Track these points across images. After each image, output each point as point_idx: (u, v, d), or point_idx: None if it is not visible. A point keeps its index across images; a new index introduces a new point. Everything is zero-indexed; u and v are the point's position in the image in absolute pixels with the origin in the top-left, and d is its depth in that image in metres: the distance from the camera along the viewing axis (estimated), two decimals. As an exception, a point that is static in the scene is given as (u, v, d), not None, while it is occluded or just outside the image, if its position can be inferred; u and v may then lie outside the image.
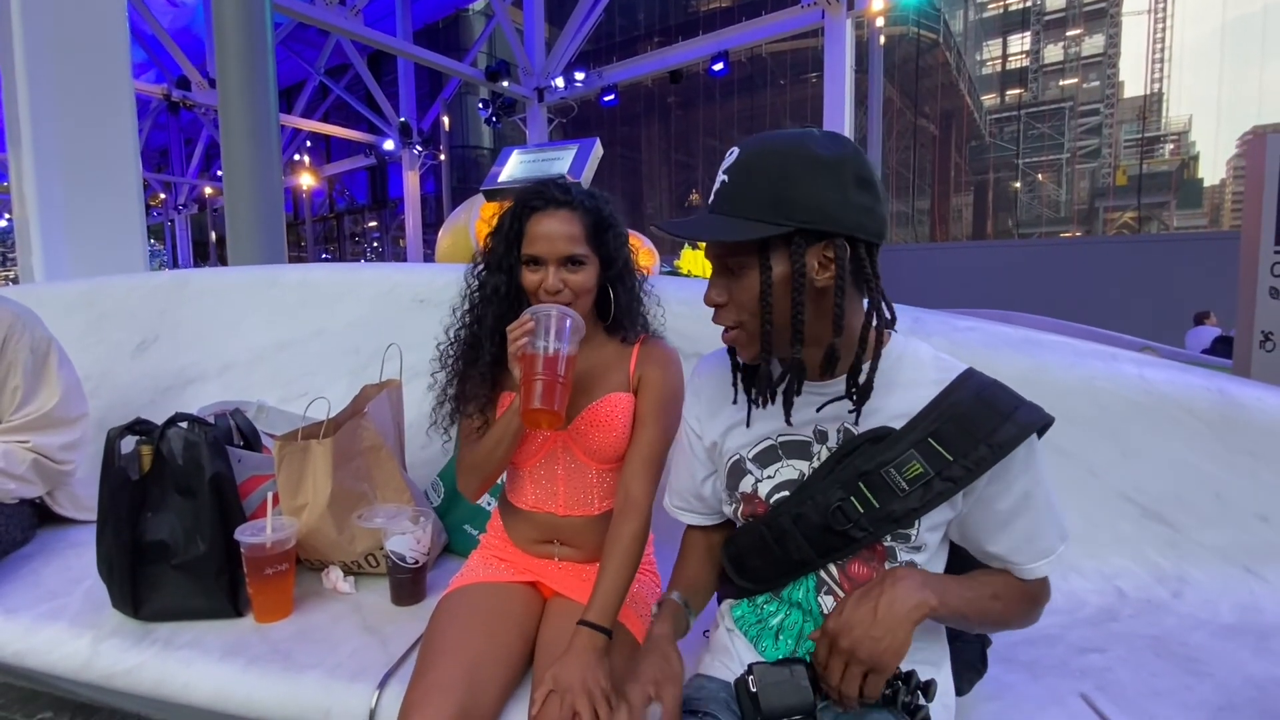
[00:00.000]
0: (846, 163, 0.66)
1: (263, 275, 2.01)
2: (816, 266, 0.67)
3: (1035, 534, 0.72)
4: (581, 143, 2.21)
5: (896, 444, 0.70)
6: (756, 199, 0.66)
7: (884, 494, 0.70)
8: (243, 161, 2.96)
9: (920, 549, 0.73)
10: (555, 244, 0.95)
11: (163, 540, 1.14)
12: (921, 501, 0.70)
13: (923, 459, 0.69)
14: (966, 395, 0.70)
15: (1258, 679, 1.01)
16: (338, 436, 1.22)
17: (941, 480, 0.69)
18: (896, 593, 0.66)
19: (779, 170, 0.66)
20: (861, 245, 0.67)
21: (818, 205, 0.65)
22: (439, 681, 0.85)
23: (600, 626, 0.86)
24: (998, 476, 0.69)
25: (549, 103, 11.97)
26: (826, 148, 0.66)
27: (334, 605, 1.20)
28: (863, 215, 0.66)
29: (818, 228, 0.65)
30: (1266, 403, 1.32)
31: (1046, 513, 0.72)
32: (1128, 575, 1.29)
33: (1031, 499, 0.70)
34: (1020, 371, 1.38)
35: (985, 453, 0.67)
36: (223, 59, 2.97)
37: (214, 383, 1.85)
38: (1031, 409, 0.70)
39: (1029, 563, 0.72)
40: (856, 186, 0.66)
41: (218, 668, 1.04)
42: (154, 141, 20.98)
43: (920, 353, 0.75)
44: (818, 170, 0.65)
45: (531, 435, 1.03)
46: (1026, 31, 17.85)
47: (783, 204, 0.65)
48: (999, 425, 0.67)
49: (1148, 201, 15.91)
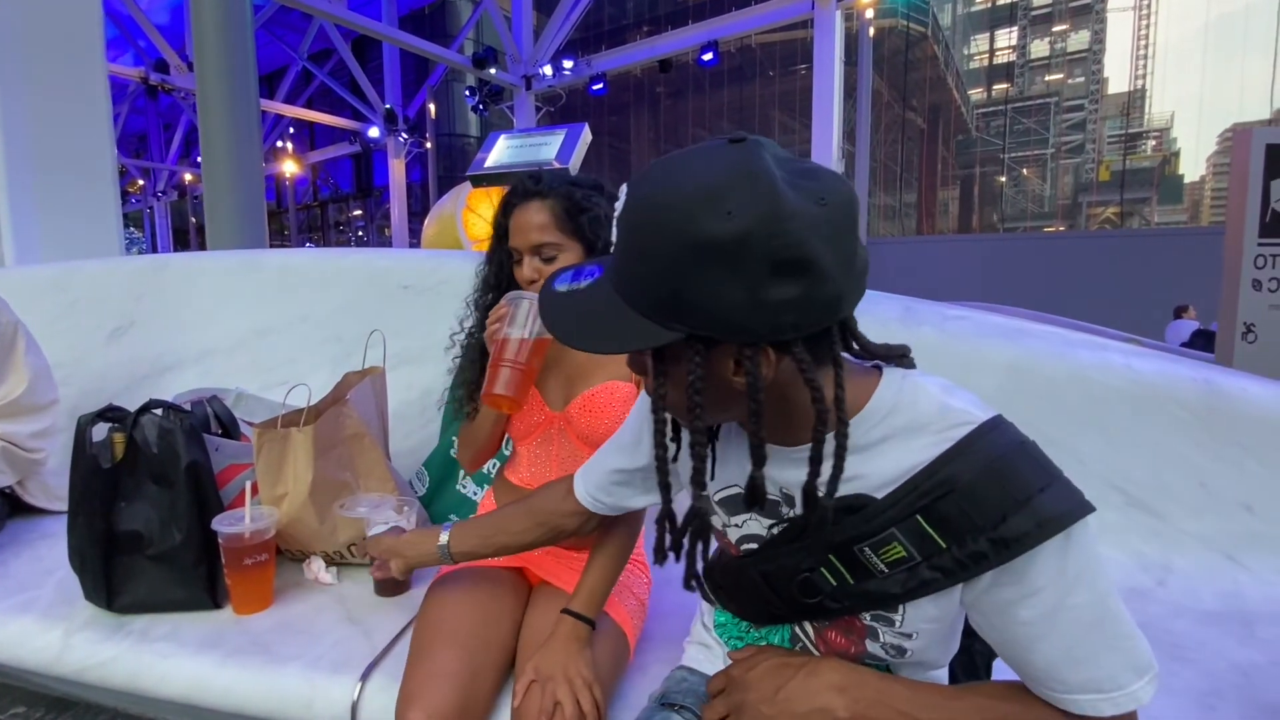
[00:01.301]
0: (751, 244, 0.45)
1: (243, 260, 1.96)
2: (732, 365, 0.50)
3: (1080, 657, 0.50)
4: (570, 128, 2.18)
5: (874, 519, 0.54)
6: (641, 291, 0.50)
7: (859, 572, 0.57)
8: (222, 145, 2.87)
9: (911, 636, 0.59)
10: (527, 235, 0.97)
11: (137, 530, 1.11)
12: (904, 589, 0.55)
13: (906, 541, 0.53)
14: (973, 465, 0.51)
15: (1241, 665, 1.02)
16: (319, 424, 1.19)
17: (929, 569, 0.53)
18: (808, 685, 0.57)
19: (662, 260, 0.48)
20: (797, 344, 0.49)
21: (713, 311, 0.47)
22: (440, 669, 0.84)
23: (584, 616, 0.86)
24: (1012, 578, 0.51)
25: (537, 91, 11.85)
26: (721, 223, 0.45)
27: (316, 596, 1.18)
28: (785, 313, 0.47)
29: (716, 336, 0.49)
30: (1252, 393, 1.33)
31: (1100, 629, 0.51)
32: (1114, 563, 1.29)
33: (1071, 610, 0.50)
34: (1009, 360, 1.38)
35: (985, 548, 0.50)
36: (200, 38, 2.88)
37: (192, 370, 1.81)
38: (1063, 494, 0.51)
39: (1074, 693, 0.51)
40: (772, 276, 0.46)
41: (195, 660, 1.01)
42: (132, 126, 20.48)
43: (921, 400, 0.55)
44: (708, 261, 0.46)
45: (527, 414, 1.03)
46: (1013, 26, 17.95)
47: (671, 305, 0.48)
48: (1009, 514, 0.50)
49: (1130, 197, 16.12)
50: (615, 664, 0.92)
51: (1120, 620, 0.52)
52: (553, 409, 1.03)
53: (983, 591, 0.53)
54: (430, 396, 1.68)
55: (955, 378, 0.60)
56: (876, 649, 0.62)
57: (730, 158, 0.47)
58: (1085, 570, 0.51)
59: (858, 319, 0.56)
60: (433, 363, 1.71)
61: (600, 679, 0.83)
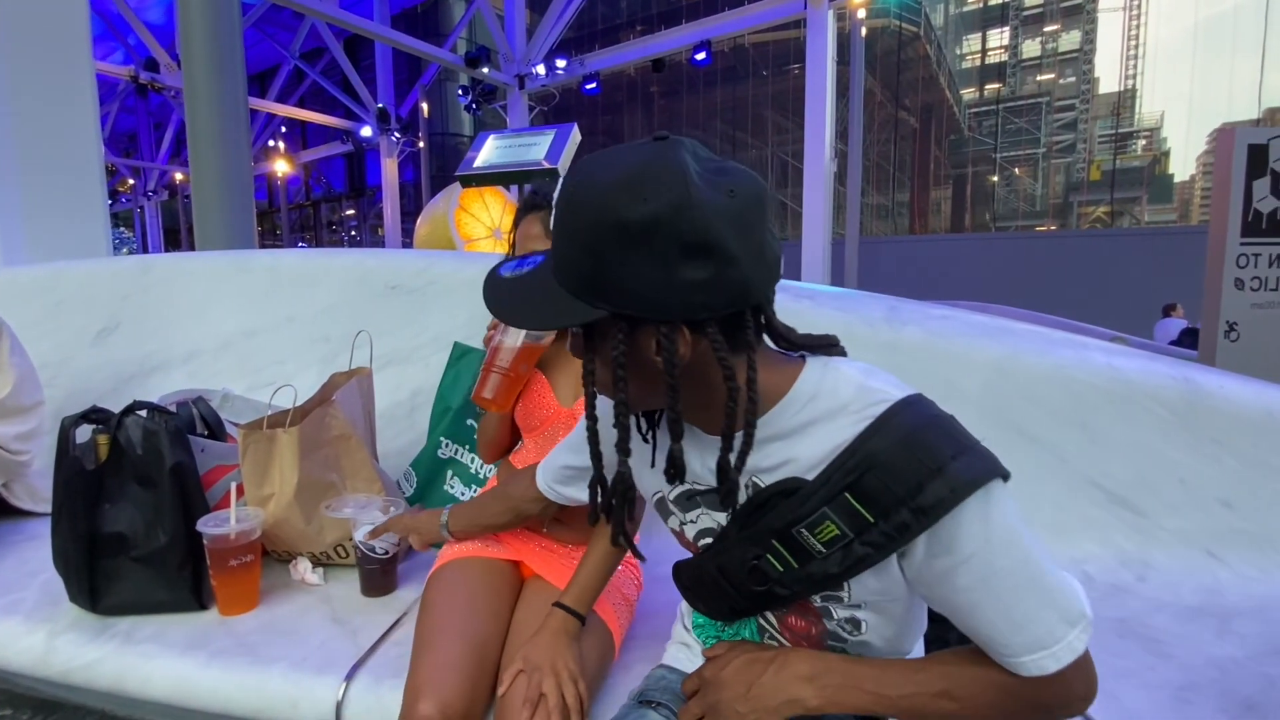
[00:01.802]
0: (661, 227, 0.49)
1: (231, 261, 1.96)
2: (653, 345, 0.54)
3: (1018, 619, 0.53)
4: (559, 128, 2.18)
5: (809, 499, 0.56)
6: (571, 272, 0.54)
7: (801, 555, 0.58)
8: (210, 144, 2.84)
9: (861, 607, 0.62)
10: (526, 245, 1.09)
11: (121, 532, 1.11)
12: (842, 566, 0.57)
13: (838, 519, 0.55)
14: (890, 440, 0.54)
15: (1218, 659, 1.03)
16: (304, 425, 1.19)
17: (861, 545, 0.55)
18: (779, 679, 0.60)
19: (584, 242, 0.52)
20: (711, 324, 0.53)
21: (631, 287, 0.51)
22: (448, 659, 0.85)
23: (575, 611, 0.87)
24: (943, 548, 0.54)
25: (530, 90, 11.82)
26: (635, 207, 0.49)
27: (302, 597, 1.18)
28: (697, 293, 0.51)
29: (633, 314, 0.52)
30: (1230, 390, 1.35)
31: (1031, 587, 0.53)
32: (1095, 560, 1.31)
33: (1003, 574, 0.53)
34: (993, 359, 1.39)
35: (907, 517, 0.53)
36: (188, 35, 2.85)
37: (179, 371, 1.80)
38: (975, 460, 0.53)
39: (1019, 654, 0.54)
40: (683, 257, 0.49)
41: (179, 661, 1.01)
42: (122, 125, 20.33)
43: (841, 384, 0.58)
44: (625, 243, 0.50)
45: (538, 408, 1.08)
46: (1005, 26, 18.02)
47: (593, 284, 0.52)
48: (926, 482, 0.52)
49: (1120, 196, 16.22)
50: (600, 661, 0.93)
51: (1048, 575, 0.54)
52: (563, 404, 1.08)
53: (921, 565, 0.55)
54: (418, 397, 1.68)
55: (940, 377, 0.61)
56: (835, 627, 0.64)
57: (649, 152, 0.52)
58: (1008, 532, 0.53)
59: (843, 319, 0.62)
60: (421, 363, 1.71)
61: (586, 674, 0.84)
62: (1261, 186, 2.73)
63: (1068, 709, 0.56)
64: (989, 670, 0.56)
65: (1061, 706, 0.56)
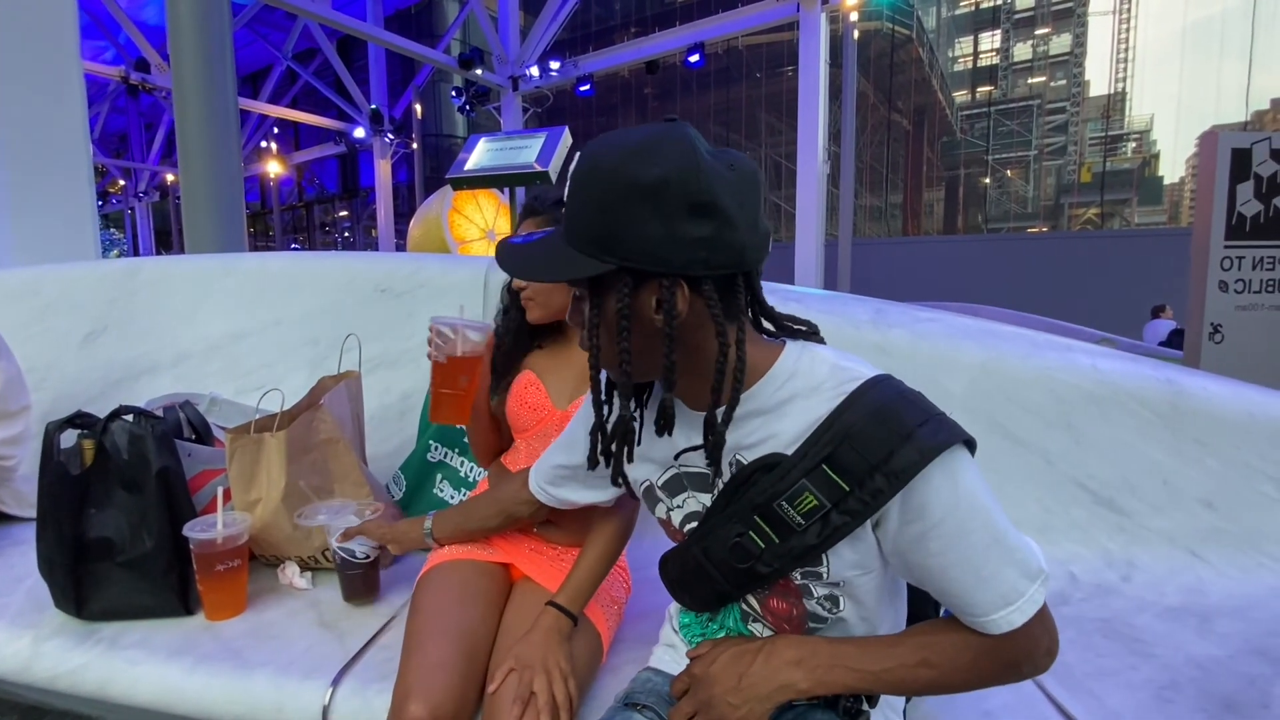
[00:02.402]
0: (670, 187, 0.54)
1: (219, 264, 1.95)
2: (654, 303, 0.58)
3: (986, 577, 0.57)
4: (550, 131, 2.18)
5: (788, 473, 0.60)
6: (583, 231, 0.58)
7: (781, 529, 0.62)
8: (199, 146, 2.81)
9: (839, 585, 0.64)
10: None
11: (107, 537, 1.10)
12: (820, 538, 0.60)
13: (816, 490, 0.59)
14: (862, 413, 0.58)
15: (1199, 658, 1.04)
16: (292, 429, 1.19)
17: (839, 514, 0.59)
18: (768, 666, 0.61)
19: (599, 200, 0.57)
20: (707, 282, 0.58)
21: (638, 241, 0.56)
22: (437, 660, 0.85)
23: (568, 610, 0.88)
24: (914, 514, 0.58)
25: (524, 92, 11.81)
26: (648, 169, 0.55)
27: (290, 601, 1.17)
28: (698, 249, 0.56)
29: (641, 267, 0.57)
30: (1212, 392, 1.37)
31: (996, 547, 0.58)
32: (1080, 560, 1.32)
33: (971, 535, 0.57)
34: (979, 362, 1.40)
35: (881, 483, 0.57)
36: (177, 34, 2.83)
37: (167, 374, 1.79)
38: (939, 427, 0.58)
39: (988, 613, 0.58)
40: (688, 215, 0.55)
41: (165, 667, 1.01)
42: (113, 126, 20.17)
43: (817, 364, 0.63)
44: (636, 200, 0.55)
45: (530, 410, 1.09)
46: (997, 29, 18.14)
47: (604, 239, 0.57)
48: (896, 448, 0.56)
49: (1110, 198, 16.34)
50: (589, 662, 0.93)
51: (1010, 534, 0.59)
52: (556, 406, 1.08)
53: (896, 533, 0.59)
54: (408, 400, 1.68)
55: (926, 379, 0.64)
56: (814, 606, 0.67)
57: (660, 127, 0.58)
58: (974, 496, 0.58)
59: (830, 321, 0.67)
60: (410, 366, 1.71)
61: (576, 674, 0.85)
62: (1245, 190, 2.77)
63: (1034, 664, 0.61)
64: (962, 634, 0.60)
65: (1028, 661, 0.60)
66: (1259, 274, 2.83)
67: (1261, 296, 2.85)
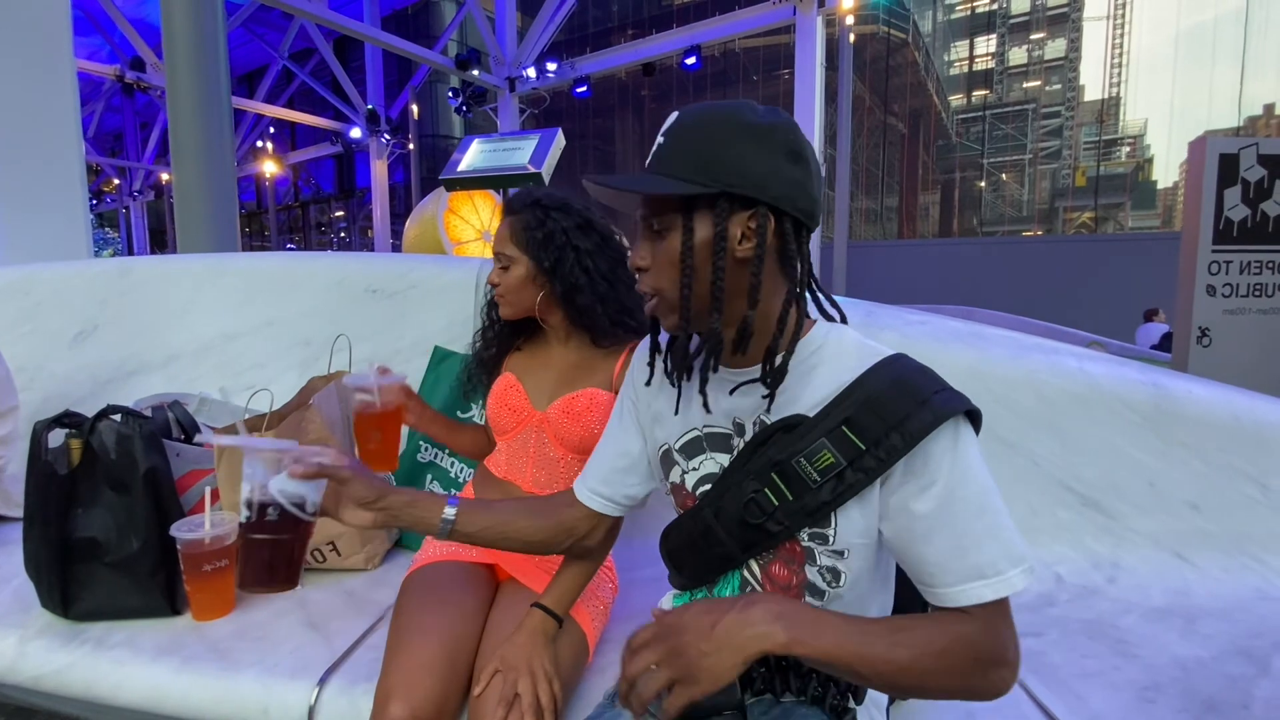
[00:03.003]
0: (778, 131, 0.64)
1: (210, 263, 1.95)
2: (740, 235, 0.64)
3: (966, 546, 0.59)
4: (543, 133, 2.19)
5: (809, 433, 0.64)
6: (686, 160, 0.64)
7: (797, 485, 0.65)
8: (192, 145, 2.80)
9: (843, 554, 0.67)
10: (497, 243, 1.09)
11: (94, 537, 1.10)
12: (833, 494, 0.63)
13: (834, 448, 0.63)
14: (883, 380, 0.63)
15: (1182, 660, 1.05)
16: (280, 429, 1.19)
17: (854, 471, 0.62)
18: (745, 616, 0.57)
19: (710, 133, 0.64)
20: (788, 220, 0.65)
21: (744, 169, 0.63)
22: (419, 661, 0.85)
23: (553, 612, 0.88)
24: (914, 473, 0.61)
25: (520, 93, 11.82)
26: (762, 116, 0.64)
27: (277, 601, 1.17)
28: (792, 188, 0.64)
29: (742, 192, 0.63)
30: (1197, 395, 1.38)
31: (981, 520, 0.59)
32: (1066, 562, 1.33)
33: (960, 502, 0.60)
34: (967, 364, 1.41)
35: (897, 441, 0.60)
36: (170, 32, 2.81)
37: (157, 374, 1.79)
38: (953, 396, 0.62)
39: (957, 583, 0.59)
40: (787, 158, 0.64)
41: (151, 668, 1.01)
42: (108, 124, 20.10)
43: (845, 340, 0.69)
44: (748, 135, 0.63)
45: (512, 411, 1.10)
46: (992, 34, 18.23)
47: (710, 166, 0.63)
48: (913, 411, 0.60)
49: (1104, 202, 16.43)
50: (574, 663, 0.93)
51: (1000, 513, 0.61)
52: (537, 408, 1.08)
53: (895, 490, 0.63)
54: (399, 401, 1.67)
55: None
56: (814, 575, 0.68)
57: None
58: (971, 464, 0.61)
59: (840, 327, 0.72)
60: (401, 366, 1.70)
61: (560, 675, 0.85)
62: (1233, 195, 2.79)
63: (1000, 669, 0.59)
64: (939, 622, 0.60)
65: (994, 664, 0.58)
66: (1246, 278, 2.85)
67: (1248, 301, 2.87)
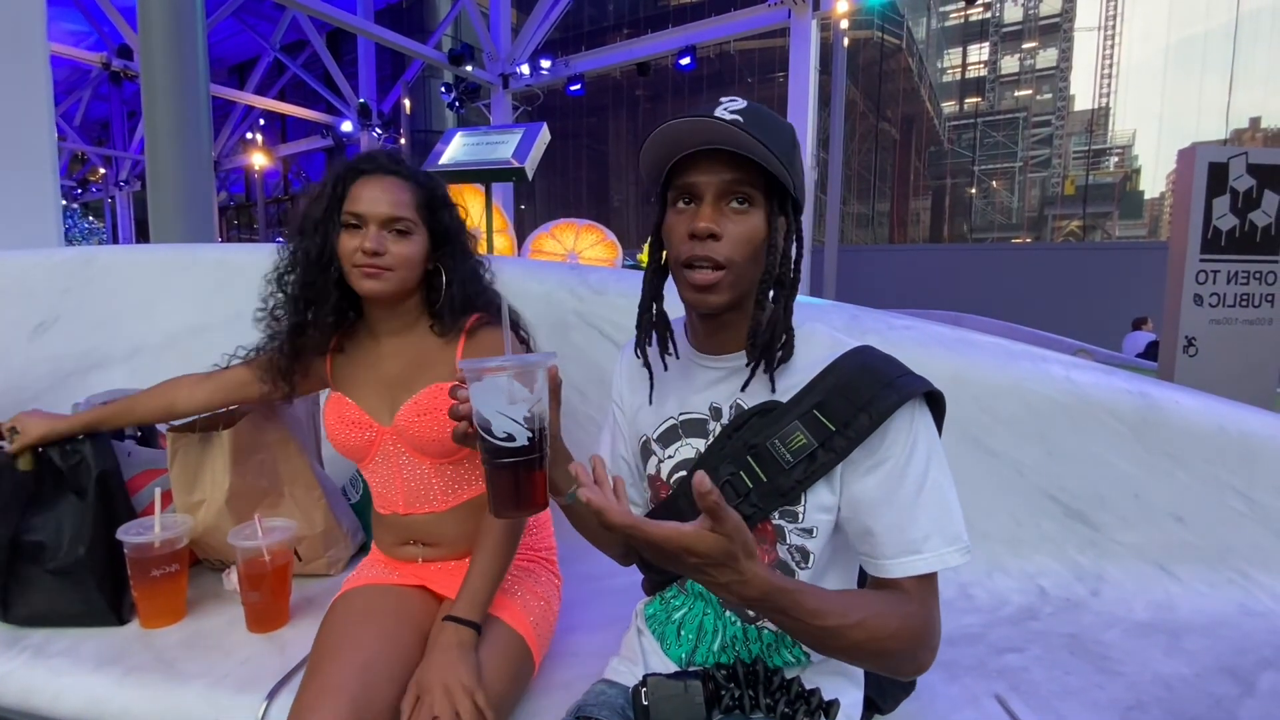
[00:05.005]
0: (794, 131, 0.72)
1: (178, 254, 1.88)
2: (785, 229, 0.70)
3: (908, 520, 0.63)
4: (528, 126, 2.14)
5: (783, 417, 0.68)
6: (777, 140, 0.65)
7: (771, 467, 0.68)
8: (167, 133, 2.72)
9: (811, 533, 0.70)
10: (378, 204, 0.91)
11: (41, 541, 1.05)
12: (805, 474, 0.66)
13: (806, 431, 0.66)
14: (852, 366, 0.67)
15: (1166, 677, 1.02)
16: (239, 428, 1.14)
17: (825, 451, 0.66)
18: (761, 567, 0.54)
19: (785, 135, 0.68)
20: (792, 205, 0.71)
21: (798, 175, 0.69)
22: (330, 684, 0.80)
23: (466, 620, 0.84)
24: (871, 448, 0.65)
25: (514, 90, 11.75)
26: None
27: (231, 609, 1.12)
28: (802, 177, 0.71)
29: (795, 195, 0.69)
30: (1184, 405, 1.35)
31: (924, 497, 0.63)
32: (1050, 574, 1.30)
33: (908, 478, 0.63)
34: (952, 371, 1.38)
35: (864, 421, 0.64)
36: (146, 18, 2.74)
37: (120, 368, 1.72)
38: (915, 379, 0.66)
39: (893, 556, 0.63)
40: (795, 147, 0.69)
41: (91, 678, 0.96)
42: (94, 113, 19.80)
43: (816, 332, 0.73)
44: (797, 146, 0.70)
45: (355, 433, 0.99)
46: (985, 42, 18.37)
47: (792, 164, 0.67)
48: (879, 392, 0.64)
49: (1093, 211, 16.59)
50: (513, 673, 0.88)
51: (944, 493, 0.65)
52: (381, 423, 0.99)
53: (850, 467, 0.66)
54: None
55: None
56: (785, 555, 0.72)
57: None
58: (923, 443, 0.65)
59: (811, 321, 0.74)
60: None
61: (491, 685, 0.81)
62: (1221, 204, 2.79)
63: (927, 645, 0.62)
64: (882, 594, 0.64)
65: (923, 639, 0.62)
66: (1233, 288, 2.85)
67: (1235, 311, 2.87)
